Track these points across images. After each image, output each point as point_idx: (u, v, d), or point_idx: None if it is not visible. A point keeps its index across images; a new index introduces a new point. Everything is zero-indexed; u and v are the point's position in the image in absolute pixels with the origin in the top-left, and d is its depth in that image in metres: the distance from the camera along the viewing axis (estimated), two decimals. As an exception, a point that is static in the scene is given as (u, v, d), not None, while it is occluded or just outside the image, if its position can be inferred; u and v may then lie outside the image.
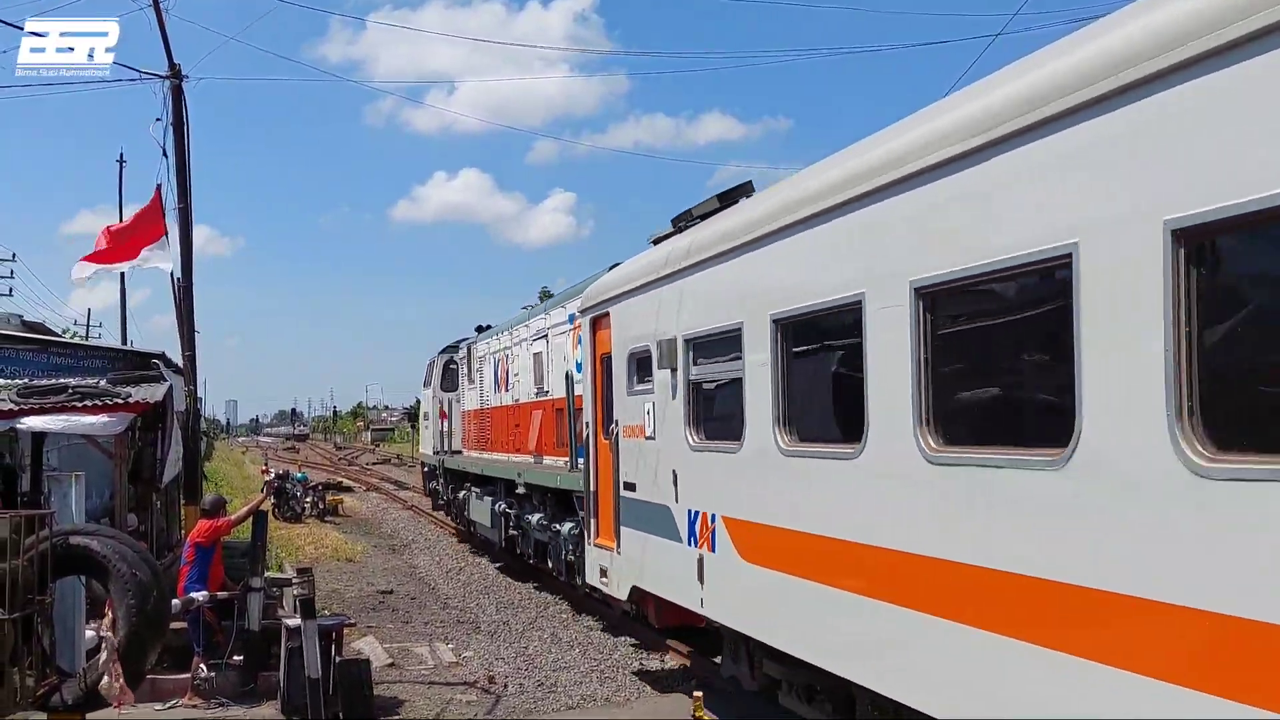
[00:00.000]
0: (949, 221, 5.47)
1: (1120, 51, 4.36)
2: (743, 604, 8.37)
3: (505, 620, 15.83)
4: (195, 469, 17.52)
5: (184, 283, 17.26)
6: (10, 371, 13.66)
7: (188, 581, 10.95)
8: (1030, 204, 4.84)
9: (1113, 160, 4.40)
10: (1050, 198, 4.72)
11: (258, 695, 10.95)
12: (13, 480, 13.05)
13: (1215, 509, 3.89)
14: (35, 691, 5.34)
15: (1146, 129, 4.22)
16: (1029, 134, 4.83)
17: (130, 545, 5.84)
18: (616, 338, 11.01)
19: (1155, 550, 4.17)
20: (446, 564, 22.41)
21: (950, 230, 5.45)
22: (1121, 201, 4.33)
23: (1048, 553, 4.74)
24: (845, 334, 6.67)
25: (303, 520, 30.28)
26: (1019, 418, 5.46)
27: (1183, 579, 4.01)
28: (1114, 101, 4.35)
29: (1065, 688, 4.61)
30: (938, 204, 5.56)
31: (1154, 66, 4.12)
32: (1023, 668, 4.89)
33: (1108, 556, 4.40)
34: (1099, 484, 4.44)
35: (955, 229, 5.41)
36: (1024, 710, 4.91)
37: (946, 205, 5.50)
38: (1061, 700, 4.65)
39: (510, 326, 20.40)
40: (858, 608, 6.40)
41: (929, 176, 5.58)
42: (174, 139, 17.20)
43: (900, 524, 5.94)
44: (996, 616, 5.08)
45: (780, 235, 7.35)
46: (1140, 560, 4.24)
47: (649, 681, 12.03)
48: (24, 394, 11.18)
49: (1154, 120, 4.18)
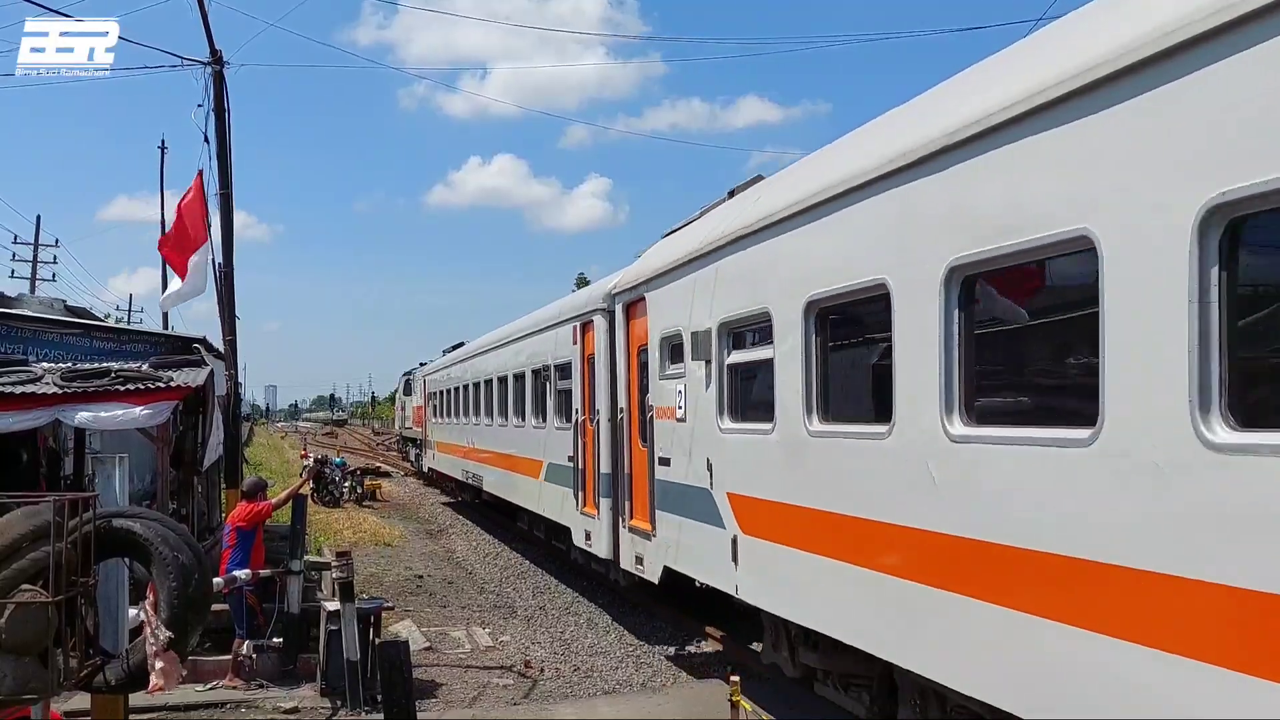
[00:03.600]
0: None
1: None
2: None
3: (542, 605, 15.87)
4: (236, 453, 17.71)
5: (225, 268, 17.41)
6: (55, 355, 13.84)
7: (230, 564, 11.05)
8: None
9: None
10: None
11: (297, 677, 11.05)
12: (56, 463, 13.24)
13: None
14: (79, 672, 5.38)
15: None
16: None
17: (173, 528, 5.86)
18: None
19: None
20: (483, 549, 22.50)
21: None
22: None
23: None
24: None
25: (341, 505, 30.55)
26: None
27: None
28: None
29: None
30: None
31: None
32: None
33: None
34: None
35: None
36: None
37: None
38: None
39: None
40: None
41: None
42: (215, 125, 17.33)
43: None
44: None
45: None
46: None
47: (685, 667, 12.01)
48: (68, 378, 11.30)
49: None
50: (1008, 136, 5.22)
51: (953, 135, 5.65)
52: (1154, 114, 4.32)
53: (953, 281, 5.64)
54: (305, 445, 55.28)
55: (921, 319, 5.88)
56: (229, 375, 16.74)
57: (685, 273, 10.04)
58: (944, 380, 5.70)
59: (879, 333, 6.65)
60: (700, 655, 12.42)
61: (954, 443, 5.64)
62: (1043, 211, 4.94)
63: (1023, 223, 5.06)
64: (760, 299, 8.26)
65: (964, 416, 5.63)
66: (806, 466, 7.55)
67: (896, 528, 6.25)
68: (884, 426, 6.35)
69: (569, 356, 14.75)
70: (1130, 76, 4.41)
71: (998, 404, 5.74)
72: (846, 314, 7.38)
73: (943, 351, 5.69)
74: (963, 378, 5.64)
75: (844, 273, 6.91)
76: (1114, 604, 4.50)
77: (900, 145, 6.27)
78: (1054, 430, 4.97)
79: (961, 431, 5.61)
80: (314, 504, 26.46)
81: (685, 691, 10.88)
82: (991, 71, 5.90)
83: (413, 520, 28.66)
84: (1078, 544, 4.72)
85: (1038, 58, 5.29)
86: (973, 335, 5.65)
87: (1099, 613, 4.58)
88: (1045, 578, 4.92)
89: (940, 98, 6.44)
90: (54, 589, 5.14)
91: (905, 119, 6.74)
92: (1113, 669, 4.50)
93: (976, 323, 5.69)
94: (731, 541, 8.87)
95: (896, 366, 6.21)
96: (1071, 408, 4.95)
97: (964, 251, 5.52)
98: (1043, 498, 4.97)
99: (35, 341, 14.12)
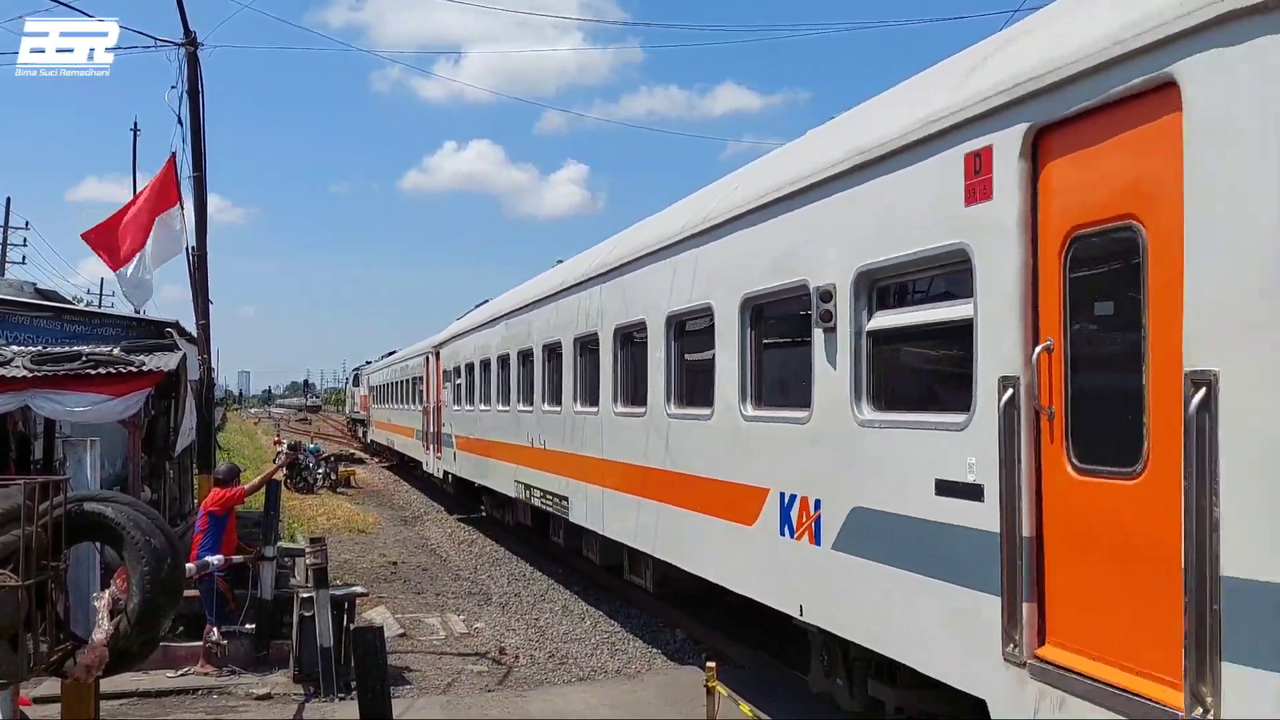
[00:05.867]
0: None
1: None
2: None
3: (516, 592, 15.86)
4: (209, 438, 17.55)
5: (198, 251, 17.21)
6: (25, 339, 13.64)
7: (201, 549, 10.96)
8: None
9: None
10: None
11: (270, 663, 11.00)
12: (26, 447, 13.09)
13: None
14: (49, 657, 5.32)
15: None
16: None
17: (145, 512, 5.80)
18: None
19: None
20: (458, 536, 22.46)
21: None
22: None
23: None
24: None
25: (315, 492, 30.41)
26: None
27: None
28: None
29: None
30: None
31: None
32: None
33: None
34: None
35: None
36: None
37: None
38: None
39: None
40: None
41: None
42: (189, 107, 17.12)
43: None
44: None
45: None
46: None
47: (660, 654, 12.03)
48: (38, 361, 11.15)
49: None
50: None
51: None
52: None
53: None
54: (279, 432, 54.96)
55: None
56: (202, 360, 16.58)
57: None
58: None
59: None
60: (675, 642, 12.44)
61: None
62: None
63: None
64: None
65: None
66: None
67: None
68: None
69: (420, 372, 29.11)
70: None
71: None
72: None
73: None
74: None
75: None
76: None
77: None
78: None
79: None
80: (288, 490, 26.32)
81: (660, 678, 10.91)
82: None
83: (387, 507, 28.56)
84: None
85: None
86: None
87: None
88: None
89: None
90: (24, 573, 5.08)
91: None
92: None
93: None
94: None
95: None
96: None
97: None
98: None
99: (4, 324, 13.92)
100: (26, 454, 13.77)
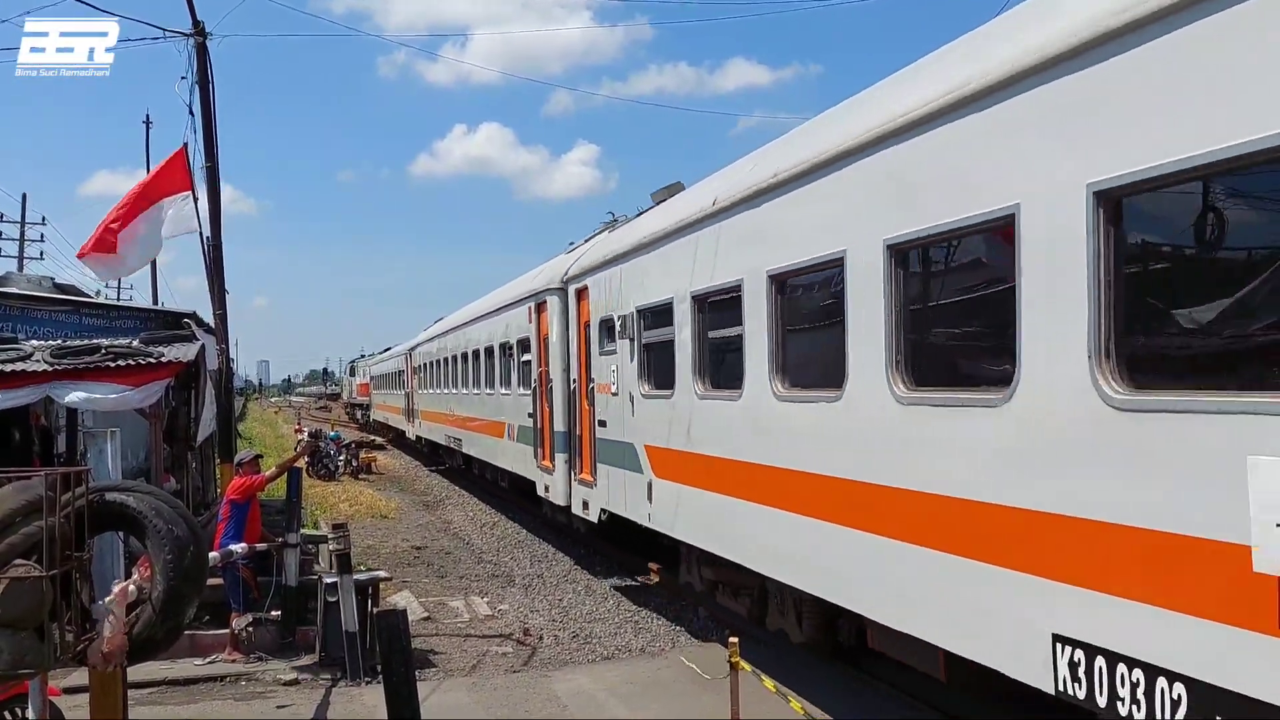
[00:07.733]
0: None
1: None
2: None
3: (539, 574, 15.90)
4: (229, 426, 17.63)
5: (214, 241, 17.25)
6: (44, 333, 13.75)
7: (224, 538, 11.01)
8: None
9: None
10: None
11: (296, 649, 11.07)
12: (49, 441, 13.17)
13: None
14: (75, 646, 5.36)
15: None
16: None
17: (167, 501, 5.82)
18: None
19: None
20: (480, 519, 22.54)
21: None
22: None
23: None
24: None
25: (337, 478, 30.56)
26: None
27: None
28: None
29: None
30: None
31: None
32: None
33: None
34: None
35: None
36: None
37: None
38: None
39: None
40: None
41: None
42: (199, 97, 17.12)
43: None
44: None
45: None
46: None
47: (684, 631, 12.05)
48: (58, 355, 11.21)
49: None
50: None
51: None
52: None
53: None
54: (300, 420, 55.20)
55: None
56: (220, 349, 16.64)
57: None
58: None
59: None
60: (699, 620, 12.45)
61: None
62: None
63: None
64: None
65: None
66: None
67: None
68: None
69: (403, 366, 32.94)
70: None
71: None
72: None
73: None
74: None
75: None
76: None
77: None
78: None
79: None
80: (309, 478, 26.47)
81: (684, 655, 10.92)
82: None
83: (409, 492, 28.68)
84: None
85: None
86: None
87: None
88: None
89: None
90: (47, 563, 5.10)
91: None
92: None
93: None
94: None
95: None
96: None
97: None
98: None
99: (24, 319, 14.03)
100: (50, 448, 13.86)
